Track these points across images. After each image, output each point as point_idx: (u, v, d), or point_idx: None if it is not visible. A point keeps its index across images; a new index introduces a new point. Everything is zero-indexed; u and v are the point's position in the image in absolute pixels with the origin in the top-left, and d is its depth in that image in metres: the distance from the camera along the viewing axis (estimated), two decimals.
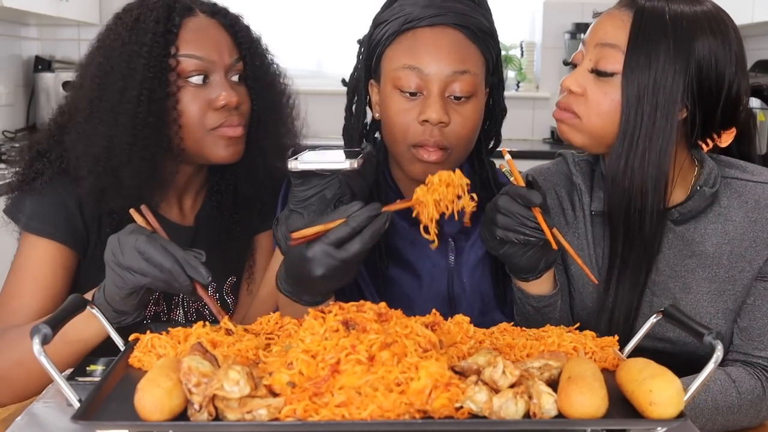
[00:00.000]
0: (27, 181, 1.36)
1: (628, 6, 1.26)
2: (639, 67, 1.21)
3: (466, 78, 1.28)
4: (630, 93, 1.22)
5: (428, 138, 1.28)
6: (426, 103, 1.27)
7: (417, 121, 1.28)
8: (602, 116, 1.25)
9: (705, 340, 0.91)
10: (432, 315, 1.04)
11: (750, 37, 3.52)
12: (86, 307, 1.03)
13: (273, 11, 4.28)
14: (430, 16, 1.29)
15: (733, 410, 1.22)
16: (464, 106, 1.30)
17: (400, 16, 1.31)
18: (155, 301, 1.41)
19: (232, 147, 1.36)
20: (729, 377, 1.23)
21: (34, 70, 3.99)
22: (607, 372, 1.00)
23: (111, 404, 0.88)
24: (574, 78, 1.28)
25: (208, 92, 1.33)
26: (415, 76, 1.27)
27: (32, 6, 3.38)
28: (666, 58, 1.20)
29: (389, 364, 0.86)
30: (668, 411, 0.84)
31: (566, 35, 4.25)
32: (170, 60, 1.30)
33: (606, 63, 1.24)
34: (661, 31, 1.21)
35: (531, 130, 4.37)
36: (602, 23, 1.28)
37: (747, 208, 1.31)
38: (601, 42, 1.26)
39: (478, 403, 0.85)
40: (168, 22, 1.31)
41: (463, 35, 1.30)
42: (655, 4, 1.24)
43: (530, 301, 1.25)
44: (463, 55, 1.29)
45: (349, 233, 1.06)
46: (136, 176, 1.29)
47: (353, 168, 1.11)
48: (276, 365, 0.90)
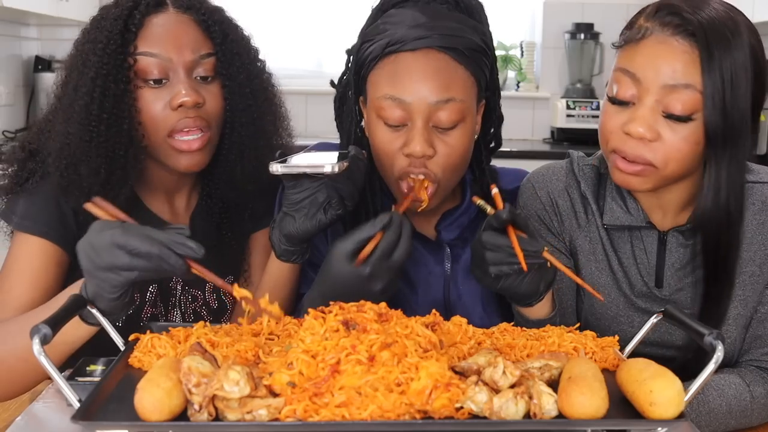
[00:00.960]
0: (20, 182, 1.35)
1: (682, 32, 1.14)
2: (720, 99, 1.12)
3: (452, 106, 1.21)
4: (715, 129, 1.13)
5: (413, 170, 1.24)
6: (410, 135, 1.22)
7: (401, 152, 1.23)
8: (681, 161, 1.17)
9: (705, 340, 0.91)
10: (432, 315, 1.04)
11: None
12: (86, 307, 1.03)
13: (273, 11, 4.28)
14: (414, 39, 1.21)
15: (746, 413, 1.22)
16: (451, 134, 1.23)
17: (384, 36, 1.23)
18: (152, 303, 1.40)
19: (189, 159, 1.32)
20: (743, 381, 1.23)
21: (34, 70, 3.99)
22: (608, 372, 1.00)
23: (111, 404, 0.88)
24: (645, 123, 1.15)
25: (167, 92, 1.30)
26: (397, 107, 1.21)
27: (32, 6, 3.37)
28: (740, 76, 1.13)
29: (389, 365, 0.86)
30: (669, 411, 0.84)
31: (566, 35, 4.25)
32: (128, 58, 1.28)
33: (683, 107, 1.14)
34: (727, 50, 1.13)
35: (531, 130, 4.37)
36: (664, 59, 1.14)
37: (754, 210, 1.28)
38: (670, 84, 1.14)
39: (478, 404, 0.85)
40: (129, 20, 1.30)
41: (449, 57, 1.22)
42: (705, 18, 1.14)
43: (530, 325, 1.21)
44: (448, 82, 1.21)
45: (394, 241, 1.10)
46: (96, 173, 1.28)
47: (334, 172, 1.09)
48: (276, 365, 0.90)
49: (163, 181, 1.41)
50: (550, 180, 1.39)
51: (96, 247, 1.01)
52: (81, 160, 1.28)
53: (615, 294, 1.33)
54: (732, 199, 1.18)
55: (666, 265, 1.31)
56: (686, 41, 1.14)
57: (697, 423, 1.18)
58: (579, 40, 4.19)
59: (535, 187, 1.39)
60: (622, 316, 1.33)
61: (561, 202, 1.37)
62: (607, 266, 1.33)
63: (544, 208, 1.37)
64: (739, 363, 1.31)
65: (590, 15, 4.27)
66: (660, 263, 1.31)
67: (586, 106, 4.09)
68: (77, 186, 1.29)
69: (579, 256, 1.36)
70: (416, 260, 1.38)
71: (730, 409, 1.20)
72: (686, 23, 1.14)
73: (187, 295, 1.43)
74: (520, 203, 1.41)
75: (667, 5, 1.18)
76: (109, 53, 1.27)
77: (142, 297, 1.39)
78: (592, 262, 1.34)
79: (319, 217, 1.15)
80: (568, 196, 1.37)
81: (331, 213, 1.16)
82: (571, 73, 4.28)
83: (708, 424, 1.19)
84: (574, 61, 4.24)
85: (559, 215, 1.36)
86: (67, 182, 1.29)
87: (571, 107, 4.08)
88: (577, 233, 1.36)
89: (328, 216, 1.16)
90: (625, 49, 1.20)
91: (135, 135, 1.29)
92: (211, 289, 1.46)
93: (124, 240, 1.00)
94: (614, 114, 1.20)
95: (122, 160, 1.29)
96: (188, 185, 1.46)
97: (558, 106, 4.12)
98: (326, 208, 1.15)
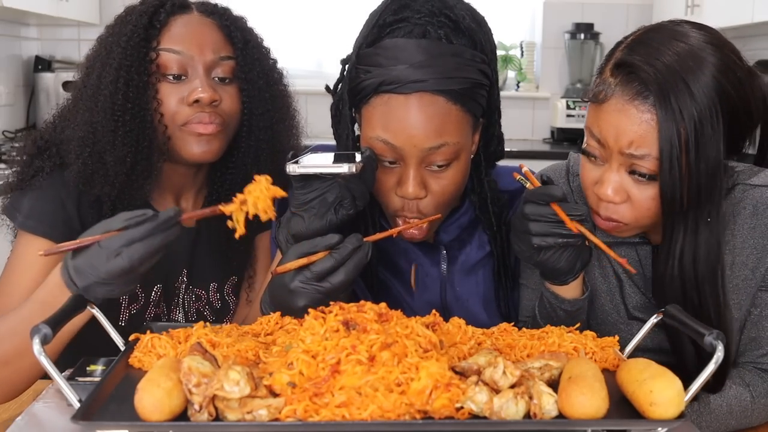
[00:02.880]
0: (26, 179, 1.35)
1: (641, 96, 1.11)
2: (678, 164, 1.09)
3: (445, 150, 1.19)
4: (672, 195, 1.11)
5: (407, 212, 1.25)
6: (402, 177, 1.21)
7: (394, 192, 1.23)
8: (653, 217, 1.17)
9: (705, 341, 0.91)
10: (432, 315, 1.04)
11: (750, 37, 3.52)
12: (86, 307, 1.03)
13: (273, 11, 4.28)
14: (409, 83, 1.17)
15: (747, 414, 1.22)
16: (444, 173, 1.22)
17: (378, 71, 1.19)
18: (155, 303, 1.41)
19: (204, 145, 1.34)
20: (743, 381, 1.23)
21: (34, 70, 3.99)
22: (608, 372, 1.00)
23: (111, 404, 0.88)
24: (612, 186, 1.15)
25: (185, 88, 1.33)
26: (389, 150, 1.20)
27: (32, 6, 3.37)
28: (704, 125, 1.09)
29: (390, 365, 0.86)
30: (669, 411, 0.84)
31: (566, 35, 4.25)
32: (150, 52, 1.31)
33: (647, 169, 1.12)
34: (687, 101, 1.09)
35: (531, 130, 4.37)
36: (622, 129, 1.12)
37: (745, 214, 1.27)
38: (628, 152, 1.12)
39: (478, 404, 0.85)
40: (153, 17, 1.33)
41: (444, 99, 1.18)
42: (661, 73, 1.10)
43: (564, 306, 1.22)
44: (441, 127, 1.18)
45: (333, 266, 1.08)
46: (121, 162, 1.29)
47: (352, 172, 1.10)
48: (276, 365, 0.90)
49: (172, 181, 1.41)
50: (557, 182, 1.37)
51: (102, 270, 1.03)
52: (106, 148, 1.29)
53: (616, 301, 1.33)
54: (701, 266, 1.15)
55: None
56: (644, 106, 1.11)
57: (697, 423, 1.18)
58: (579, 40, 4.20)
59: None
60: (622, 323, 1.33)
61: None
62: (609, 272, 1.34)
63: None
64: (736, 365, 1.31)
65: (590, 15, 4.27)
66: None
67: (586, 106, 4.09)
68: (102, 174, 1.30)
69: None
70: (412, 261, 1.38)
71: (731, 410, 1.20)
72: (643, 85, 1.11)
73: (191, 294, 1.44)
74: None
75: (628, 63, 1.14)
76: (133, 45, 1.30)
77: (146, 298, 1.39)
78: (595, 268, 1.35)
79: (329, 217, 1.15)
80: (573, 199, 1.37)
81: (342, 213, 1.16)
82: (571, 73, 4.28)
83: (708, 424, 1.19)
84: (574, 61, 4.24)
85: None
86: (91, 170, 1.30)
87: (571, 107, 4.09)
88: None
89: (339, 215, 1.16)
90: (592, 107, 1.19)
91: (158, 127, 1.32)
92: (214, 289, 1.46)
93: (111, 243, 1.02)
94: (589, 169, 1.21)
95: (147, 150, 1.31)
96: (196, 186, 1.47)
97: (558, 106, 4.12)
98: (337, 207, 1.15)
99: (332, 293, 1.08)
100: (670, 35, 1.15)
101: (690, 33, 1.15)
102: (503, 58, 4.27)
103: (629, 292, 1.32)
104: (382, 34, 1.22)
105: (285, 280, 1.09)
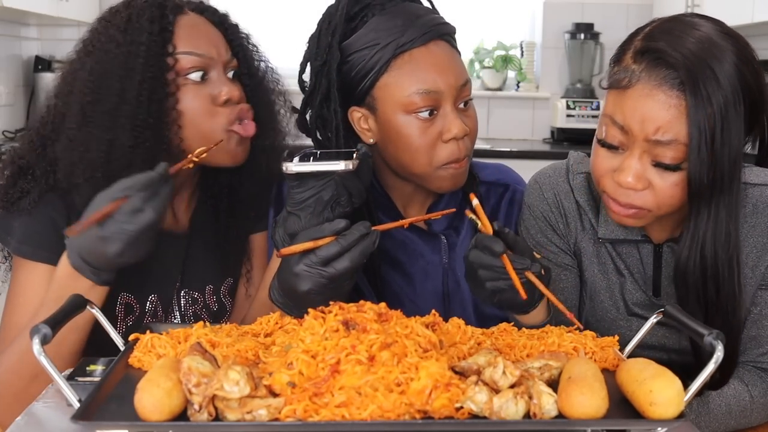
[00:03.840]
0: (12, 200, 1.29)
1: (669, 82, 1.11)
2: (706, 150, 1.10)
3: (468, 86, 1.33)
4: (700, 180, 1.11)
5: (459, 155, 1.31)
6: (446, 120, 1.30)
7: (441, 140, 1.30)
8: (674, 204, 1.17)
9: (705, 341, 0.91)
10: (432, 315, 1.04)
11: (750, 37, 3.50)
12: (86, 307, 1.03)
13: (272, 11, 4.28)
14: (422, 35, 1.30)
15: (746, 413, 1.22)
16: (469, 111, 1.35)
17: (384, 42, 1.29)
18: (152, 313, 1.38)
19: (243, 145, 1.34)
20: (742, 381, 1.23)
21: (34, 70, 3.99)
22: (608, 372, 1.00)
23: (111, 404, 0.88)
24: (634, 174, 1.14)
25: (209, 89, 1.30)
26: (427, 98, 1.28)
27: (32, 6, 3.37)
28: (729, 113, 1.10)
29: (389, 365, 0.86)
30: (668, 411, 0.84)
31: (566, 35, 4.25)
32: (168, 59, 1.27)
33: (671, 159, 1.12)
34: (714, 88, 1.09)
35: (531, 130, 4.36)
36: (649, 115, 1.12)
37: (745, 212, 1.27)
38: (655, 139, 1.12)
39: (478, 404, 0.85)
40: (162, 20, 1.28)
41: (448, 44, 1.34)
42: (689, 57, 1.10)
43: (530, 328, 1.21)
44: (461, 65, 1.34)
45: (338, 251, 1.08)
46: None
47: (348, 169, 1.11)
48: (276, 365, 0.90)
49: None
50: (556, 181, 1.39)
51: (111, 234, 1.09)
52: (123, 167, 1.22)
53: (616, 298, 1.33)
54: (720, 250, 1.15)
55: (663, 275, 1.31)
56: (673, 91, 1.11)
57: (697, 423, 1.19)
58: (579, 40, 4.20)
59: (542, 188, 1.39)
60: (622, 320, 1.33)
61: (567, 203, 1.37)
62: (610, 269, 1.34)
63: (551, 210, 1.37)
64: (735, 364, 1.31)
65: (590, 15, 4.27)
66: (657, 274, 1.31)
67: (586, 106, 4.09)
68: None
69: (583, 258, 1.36)
70: (412, 252, 1.39)
71: (730, 410, 1.21)
72: (672, 69, 1.11)
73: (188, 297, 1.43)
74: (526, 203, 1.41)
75: (653, 49, 1.14)
76: (153, 55, 1.26)
77: (141, 308, 1.37)
78: (595, 265, 1.35)
79: (326, 215, 1.16)
80: (574, 198, 1.37)
81: (339, 210, 1.16)
82: (571, 73, 4.28)
83: (708, 424, 1.19)
84: (574, 61, 4.24)
85: (565, 217, 1.36)
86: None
87: (571, 107, 4.08)
88: (582, 235, 1.36)
89: (335, 213, 1.16)
90: (613, 94, 1.18)
91: (174, 139, 1.28)
92: (211, 292, 1.45)
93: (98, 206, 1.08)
94: (604, 157, 1.19)
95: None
96: (190, 188, 1.44)
97: (558, 106, 4.12)
98: (333, 206, 1.16)
99: (336, 279, 1.09)
100: (689, 25, 1.15)
101: (705, 23, 1.16)
102: (503, 58, 4.26)
103: (630, 288, 1.32)
104: (353, 25, 1.33)
105: (291, 264, 1.10)
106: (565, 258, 1.36)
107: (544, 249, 1.37)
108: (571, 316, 1.04)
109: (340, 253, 1.08)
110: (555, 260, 1.36)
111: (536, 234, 1.38)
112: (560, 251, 1.36)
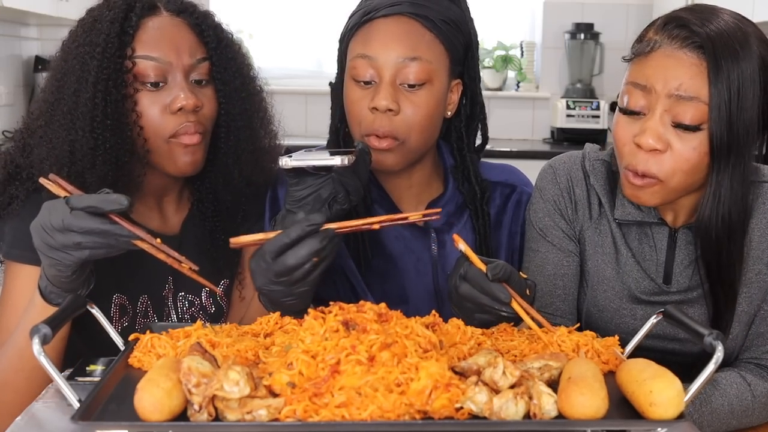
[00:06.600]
0: (2, 206, 1.30)
1: (690, 45, 1.17)
2: (726, 111, 1.14)
3: (418, 65, 1.29)
4: (720, 140, 1.15)
5: (377, 127, 1.29)
6: (376, 91, 1.30)
7: (368, 107, 1.30)
8: (688, 172, 1.19)
9: (705, 341, 0.91)
10: (431, 315, 1.04)
11: None
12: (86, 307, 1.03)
13: (273, 11, 4.28)
14: (386, 6, 1.31)
15: (748, 413, 1.22)
16: (417, 93, 1.30)
17: (361, 9, 1.35)
18: (143, 313, 1.38)
19: (189, 155, 1.31)
20: (744, 380, 1.23)
21: (34, 70, 3.98)
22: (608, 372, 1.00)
23: (111, 404, 0.88)
24: (655, 134, 1.17)
25: (165, 95, 1.28)
26: (367, 65, 1.30)
27: (32, 6, 3.37)
28: (747, 88, 1.15)
29: (389, 365, 0.86)
30: (669, 412, 0.84)
31: (566, 35, 4.25)
32: (126, 61, 1.26)
33: (691, 117, 1.16)
34: (734, 62, 1.14)
35: (531, 130, 4.36)
36: (672, 71, 1.17)
37: (764, 209, 1.29)
38: (677, 94, 1.16)
39: (478, 404, 0.85)
40: (125, 23, 1.27)
41: (419, 24, 1.31)
42: (713, 30, 1.16)
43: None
44: (415, 43, 1.30)
45: (283, 245, 1.06)
46: (102, 181, 1.24)
47: (344, 165, 1.12)
48: (276, 365, 0.90)
49: (152, 186, 1.37)
50: (571, 168, 1.40)
51: (48, 229, 1.05)
52: (86, 168, 1.24)
53: (619, 287, 1.34)
54: (734, 210, 1.20)
55: (675, 261, 1.32)
56: (694, 54, 1.16)
57: (699, 423, 1.19)
58: (579, 40, 4.20)
59: (556, 173, 1.40)
60: (625, 308, 1.33)
61: (578, 190, 1.38)
62: (613, 260, 1.34)
63: (561, 194, 1.38)
64: (739, 360, 1.31)
65: (590, 15, 4.27)
66: (669, 260, 1.32)
67: (586, 106, 4.09)
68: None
69: (586, 246, 1.37)
70: (403, 247, 1.39)
71: (732, 409, 1.21)
72: (694, 36, 1.16)
73: (184, 300, 1.42)
74: (538, 186, 1.42)
75: (676, 18, 1.20)
76: (108, 57, 1.25)
77: (134, 309, 1.36)
78: (598, 254, 1.35)
79: (324, 213, 1.16)
80: (586, 186, 1.38)
81: (337, 207, 1.17)
82: (571, 73, 4.28)
83: (710, 423, 1.19)
84: (574, 61, 4.24)
85: (574, 203, 1.38)
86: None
87: (571, 107, 4.09)
88: (588, 224, 1.37)
89: (333, 210, 1.16)
90: (635, 62, 1.23)
91: (137, 140, 1.28)
92: (207, 294, 1.45)
93: (74, 222, 1.03)
94: (626, 125, 1.22)
95: (128, 166, 1.28)
96: (176, 189, 1.44)
97: (558, 106, 4.12)
98: (331, 203, 1.16)
99: (285, 275, 1.07)
100: (711, 10, 1.21)
101: (726, 10, 1.22)
102: (503, 58, 4.26)
103: (637, 277, 1.32)
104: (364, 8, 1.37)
105: (250, 261, 1.11)
106: (569, 244, 1.37)
107: (549, 232, 1.38)
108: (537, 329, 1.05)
109: (285, 246, 1.06)
110: (559, 245, 1.38)
111: (544, 217, 1.39)
112: (565, 236, 1.38)
